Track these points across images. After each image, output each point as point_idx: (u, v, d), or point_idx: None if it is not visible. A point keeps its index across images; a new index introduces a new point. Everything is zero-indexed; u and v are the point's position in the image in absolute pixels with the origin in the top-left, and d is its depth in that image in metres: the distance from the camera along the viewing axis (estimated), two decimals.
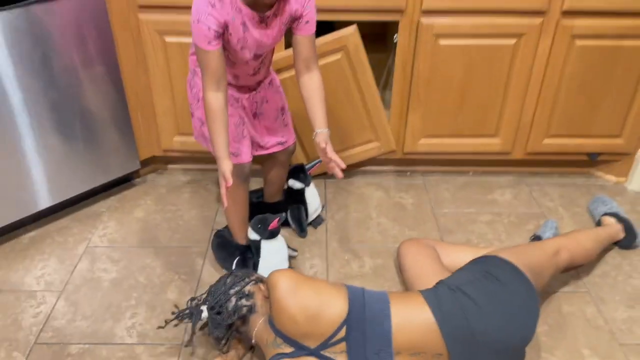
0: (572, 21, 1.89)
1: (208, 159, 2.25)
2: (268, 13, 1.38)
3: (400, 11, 1.87)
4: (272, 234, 1.64)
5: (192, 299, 1.42)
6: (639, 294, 1.72)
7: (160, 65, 1.95)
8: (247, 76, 1.53)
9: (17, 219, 1.88)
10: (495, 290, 1.26)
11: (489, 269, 1.32)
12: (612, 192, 2.21)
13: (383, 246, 1.90)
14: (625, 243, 1.87)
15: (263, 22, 1.39)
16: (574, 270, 1.79)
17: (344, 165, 1.43)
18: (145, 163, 2.20)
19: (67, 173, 1.92)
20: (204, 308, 1.38)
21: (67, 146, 1.89)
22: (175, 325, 1.49)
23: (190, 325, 1.45)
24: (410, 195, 2.18)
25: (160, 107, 2.05)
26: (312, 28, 1.46)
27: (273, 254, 1.66)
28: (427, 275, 1.49)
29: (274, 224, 1.61)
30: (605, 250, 1.88)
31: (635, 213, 2.08)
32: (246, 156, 1.60)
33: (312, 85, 1.50)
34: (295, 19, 1.44)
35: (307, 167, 1.90)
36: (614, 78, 2.00)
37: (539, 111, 2.07)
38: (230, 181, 1.37)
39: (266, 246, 1.65)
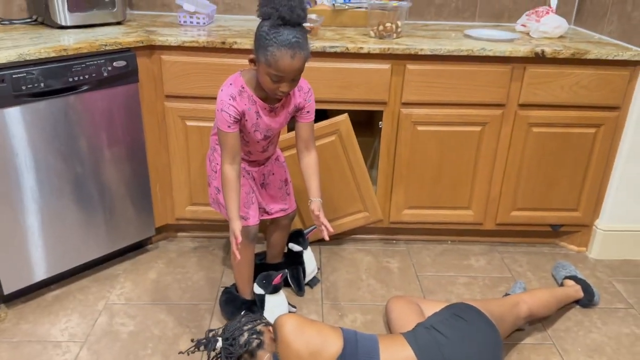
0: (528, 112, 2.26)
1: (214, 227, 2.52)
2: (277, 105, 1.72)
3: (384, 103, 2.23)
4: (276, 289, 1.88)
5: (210, 331, 1.64)
6: (597, 345, 1.96)
7: (180, 145, 2.26)
8: (258, 153, 1.84)
9: (43, 278, 2.09)
10: (462, 326, 1.52)
11: (456, 312, 1.59)
12: (575, 259, 2.49)
13: (372, 304, 2.13)
14: (584, 302, 2.12)
15: (272, 112, 1.73)
16: (542, 326, 2.03)
17: (332, 230, 1.70)
18: (157, 231, 2.45)
19: (88, 239, 2.16)
20: (219, 339, 1.59)
21: (92, 215, 2.14)
22: (192, 352, 1.66)
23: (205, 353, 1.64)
24: (396, 260, 2.44)
25: (176, 181, 2.34)
26: (312, 117, 1.79)
27: (276, 306, 1.89)
28: (411, 324, 1.72)
29: (278, 279, 1.86)
30: (568, 308, 2.13)
31: (594, 277, 2.35)
32: (254, 220, 1.88)
33: (310, 162, 1.81)
34: (298, 109, 1.77)
35: (305, 232, 2.16)
36: (567, 159, 2.35)
37: (505, 187, 2.40)
38: (240, 239, 1.63)
39: (270, 300, 1.89)
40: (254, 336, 1.56)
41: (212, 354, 1.61)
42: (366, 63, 2.15)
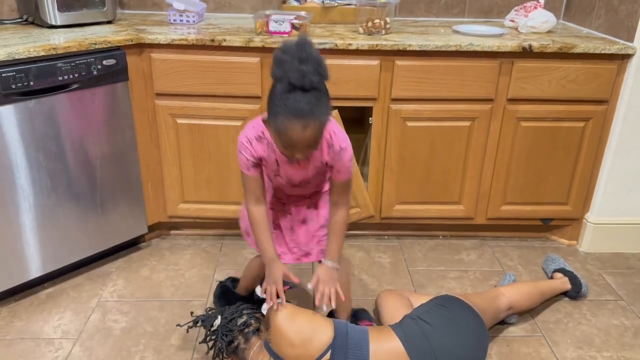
0: (516, 107, 2.28)
1: (207, 225, 2.53)
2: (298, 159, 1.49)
3: (373, 99, 2.25)
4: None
5: (210, 309, 1.67)
6: (586, 336, 1.97)
7: (171, 143, 2.27)
8: (291, 190, 1.66)
9: (36, 276, 2.10)
10: (447, 315, 1.55)
11: (441, 302, 1.63)
12: (565, 253, 2.51)
13: (364, 299, 2.14)
14: (572, 294, 2.14)
15: (294, 163, 1.53)
16: (532, 318, 2.05)
17: (340, 297, 1.50)
18: (150, 229, 2.46)
19: (81, 237, 2.17)
20: (219, 316, 1.62)
21: (84, 213, 2.15)
22: (190, 328, 1.68)
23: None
24: (387, 255, 2.45)
25: (168, 179, 2.35)
26: (344, 177, 1.55)
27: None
28: (400, 317, 1.73)
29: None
30: (557, 300, 2.15)
31: (585, 270, 2.37)
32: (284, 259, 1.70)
33: (334, 219, 1.61)
34: (329, 166, 1.56)
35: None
36: (556, 153, 2.37)
37: (495, 182, 2.41)
38: (281, 285, 1.49)
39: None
40: (252, 320, 1.59)
41: (210, 339, 1.64)
42: (355, 59, 2.16)
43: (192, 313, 1.79)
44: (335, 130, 1.52)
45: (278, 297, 1.52)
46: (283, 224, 1.72)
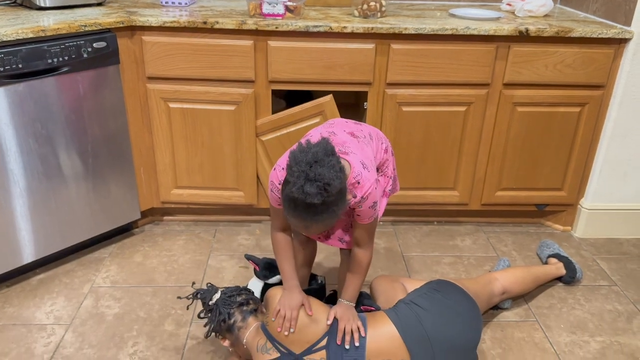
0: (513, 92, 2.26)
1: (201, 211, 2.52)
2: None
3: (368, 83, 2.22)
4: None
5: (210, 285, 1.67)
6: (580, 321, 1.98)
7: (164, 127, 2.25)
8: None
9: (27, 262, 2.08)
10: (441, 299, 1.54)
11: (434, 287, 1.62)
12: (560, 238, 2.51)
13: None
14: (567, 279, 2.14)
15: None
16: (525, 303, 2.05)
17: (363, 333, 1.46)
18: (143, 215, 2.44)
19: (73, 222, 2.15)
20: (219, 291, 1.63)
21: (76, 198, 2.12)
22: (189, 299, 1.68)
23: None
24: (382, 241, 2.45)
25: (161, 163, 2.33)
26: (365, 221, 1.48)
27: None
28: (394, 302, 1.73)
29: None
30: (552, 286, 2.15)
31: (579, 256, 2.38)
32: None
33: (355, 259, 1.56)
34: (352, 209, 1.49)
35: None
36: (552, 139, 2.36)
37: (490, 167, 2.40)
38: (295, 319, 1.46)
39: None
40: (251, 300, 1.60)
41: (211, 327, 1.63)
42: (350, 43, 2.13)
43: (193, 284, 1.82)
44: (361, 179, 1.41)
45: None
46: None
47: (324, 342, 1.45)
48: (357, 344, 1.43)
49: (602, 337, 1.91)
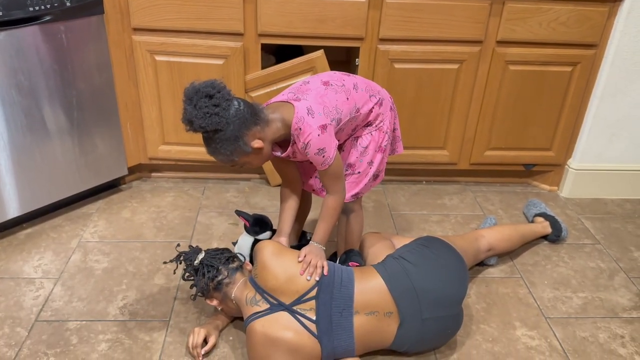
0: (506, 50, 2.24)
1: (189, 167, 2.49)
2: (287, 152, 1.56)
3: (360, 39, 2.18)
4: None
5: (192, 246, 1.68)
6: (563, 278, 2.02)
7: (150, 81, 2.19)
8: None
9: (13, 216, 2.06)
10: (429, 254, 1.57)
11: (422, 242, 1.64)
12: (546, 198, 2.54)
13: None
14: (552, 237, 2.18)
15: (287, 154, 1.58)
16: (510, 260, 2.09)
17: (326, 272, 1.51)
18: (131, 171, 2.42)
19: (59, 177, 2.12)
20: (203, 251, 1.63)
21: (61, 153, 2.09)
22: (177, 263, 1.68)
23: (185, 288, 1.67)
24: (371, 200, 2.46)
25: (148, 119, 2.28)
26: (320, 167, 1.53)
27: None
28: (382, 257, 1.75)
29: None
30: (537, 244, 2.19)
31: (564, 215, 2.41)
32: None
33: (324, 204, 1.61)
34: (302, 154, 1.55)
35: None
36: (543, 98, 2.35)
37: (480, 126, 2.40)
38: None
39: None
40: (237, 257, 1.61)
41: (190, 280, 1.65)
42: None
43: (178, 245, 1.82)
44: (303, 125, 1.47)
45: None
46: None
47: (313, 293, 1.46)
48: (317, 278, 1.48)
49: (585, 293, 1.95)
